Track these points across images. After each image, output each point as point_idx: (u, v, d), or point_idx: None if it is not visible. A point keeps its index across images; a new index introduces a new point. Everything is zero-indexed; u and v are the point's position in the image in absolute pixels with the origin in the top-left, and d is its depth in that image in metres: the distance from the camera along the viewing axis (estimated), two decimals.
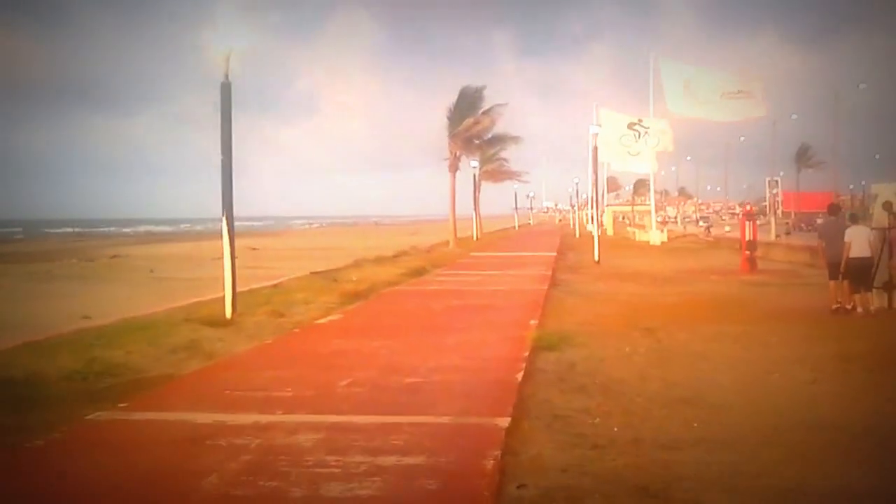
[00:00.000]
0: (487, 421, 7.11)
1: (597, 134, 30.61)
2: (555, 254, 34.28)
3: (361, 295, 17.31)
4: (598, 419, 7.47)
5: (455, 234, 38.21)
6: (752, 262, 25.11)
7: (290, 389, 8.32)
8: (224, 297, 13.75)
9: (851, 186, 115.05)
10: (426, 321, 13.81)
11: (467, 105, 36.44)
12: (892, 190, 16.25)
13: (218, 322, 12.89)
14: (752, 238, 25.27)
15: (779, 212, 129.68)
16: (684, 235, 57.48)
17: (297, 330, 12.72)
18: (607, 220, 71.77)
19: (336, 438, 6.60)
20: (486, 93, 37.11)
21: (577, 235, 60.35)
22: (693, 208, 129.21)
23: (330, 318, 14.10)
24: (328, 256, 43.44)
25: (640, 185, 69.22)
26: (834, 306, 14.24)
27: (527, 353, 10.23)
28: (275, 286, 18.78)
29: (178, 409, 7.58)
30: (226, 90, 13.65)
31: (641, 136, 51.10)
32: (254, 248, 57.22)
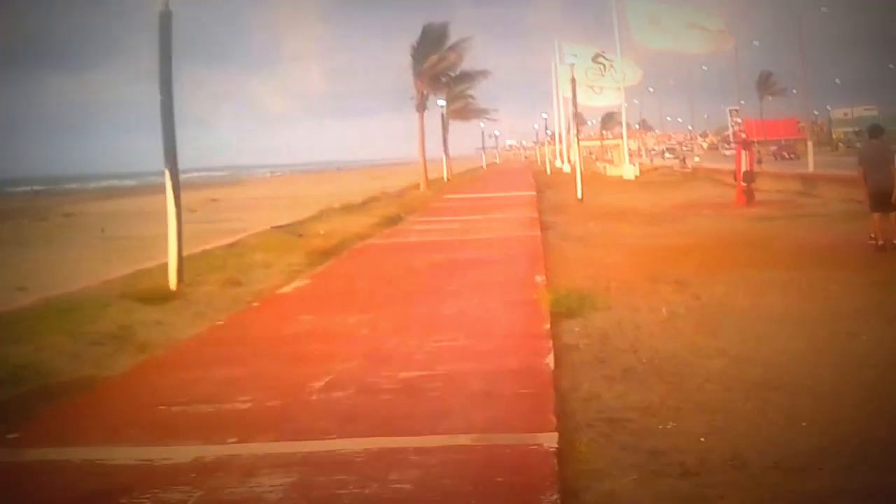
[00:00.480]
0: (526, 440, 4.97)
1: (573, 64, 28.35)
2: (534, 192, 32.13)
3: (331, 252, 15.06)
4: (669, 423, 5.40)
5: (426, 177, 35.87)
6: (749, 195, 23.15)
7: (247, 398, 6.08)
8: (169, 263, 11.45)
9: (816, 112, 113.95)
10: (411, 284, 11.58)
11: (432, 42, 33.89)
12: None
13: (160, 296, 10.62)
14: (748, 168, 23.26)
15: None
16: (655, 168, 55.60)
17: (256, 303, 10.43)
18: (573, 155, 69.81)
19: (313, 481, 4.45)
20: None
21: (549, 172, 58.22)
22: (654, 141, 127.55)
23: (295, 284, 11.84)
24: (293, 206, 41.04)
25: (608, 119, 67.13)
26: (880, 241, 12.26)
27: (547, 325, 8.08)
28: (231, 245, 16.46)
29: (87, 441, 5.36)
30: (165, 20, 11.21)
31: (607, 69, 48.95)
32: (214, 200, 55.09)
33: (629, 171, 46.22)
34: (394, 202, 27.82)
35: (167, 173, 11.48)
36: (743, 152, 23.43)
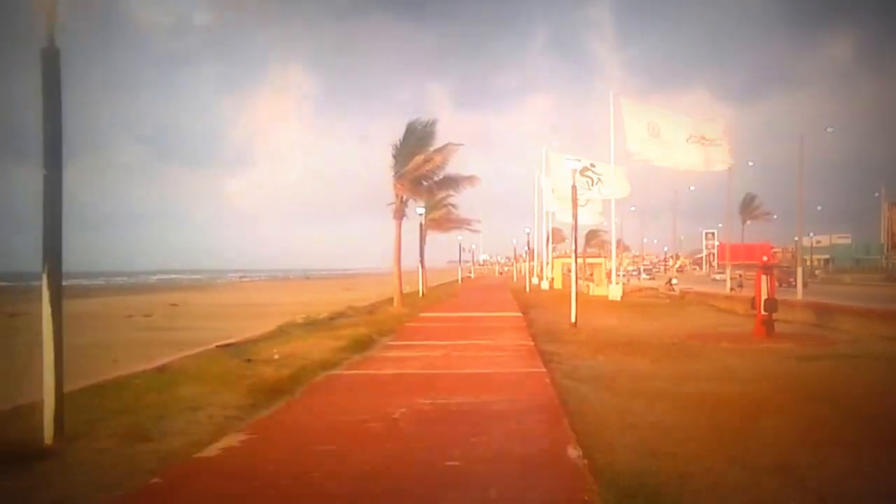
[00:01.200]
0: None
1: (574, 170, 25.46)
2: (519, 314, 28.79)
3: (284, 388, 11.50)
4: None
5: (400, 290, 32.49)
6: (769, 326, 20.00)
7: None
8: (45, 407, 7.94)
9: (796, 238, 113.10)
10: (391, 451, 8.04)
11: (416, 141, 31.04)
12: None
13: (24, 455, 7.13)
14: (769, 296, 20.14)
15: (714, 263, 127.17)
16: (639, 289, 52.70)
17: (156, 479, 6.88)
18: (556, 273, 66.97)
19: None
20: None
21: (528, 290, 55.12)
22: (628, 261, 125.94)
23: (225, 442, 8.26)
24: (254, 316, 37.59)
25: (592, 237, 64.80)
26: None
27: None
28: (160, 370, 12.89)
29: None
30: (50, 60, 7.96)
31: (594, 182, 46.59)
32: (173, 304, 51.32)
33: (615, 291, 43.20)
34: (364, 320, 24.31)
35: (45, 276, 7.98)
36: (763, 277, 20.33)
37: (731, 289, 53.23)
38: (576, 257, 26.03)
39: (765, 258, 20.36)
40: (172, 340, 24.89)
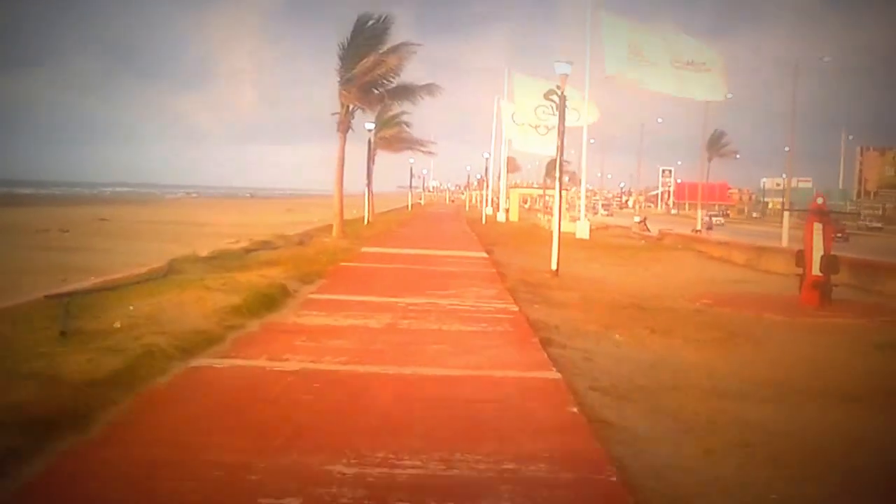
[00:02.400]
0: None
1: (565, 74, 19.87)
2: (483, 253, 23.25)
3: (78, 410, 5.83)
4: None
5: (341, 217, 26.69)
6: (823, 292, 14.73)
7: None
8: None
9: (765, 179, 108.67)
10: None
11: (366, 39, 24.93)
12: None
13: None
14: (825, 252, 14.80)
15: (670, 202, 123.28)
16: (605, 227, 47.41)
17: None
18: (512, 205, 61.49)
19: None
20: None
21: (484, 221, 49.48)
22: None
23: None
24: (181, 235, 32.78)
25: (553, 167, 59.09)
26: None
27: None
28: None
29: None
30: None
31: (558, 108, 40.71)
32: (102, 219, 45.95)
33: (583, 228, 37.89)
34: (289, 255, 18.48)
35: None
36: (817, 227, 14.96)
37: (695, 230, 48.26)
38: (560, 182, 20.30)
39: (819, 200, 14.90)
40: (63, 264, 19.44)
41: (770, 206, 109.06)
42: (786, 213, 41.55)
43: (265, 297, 11.00)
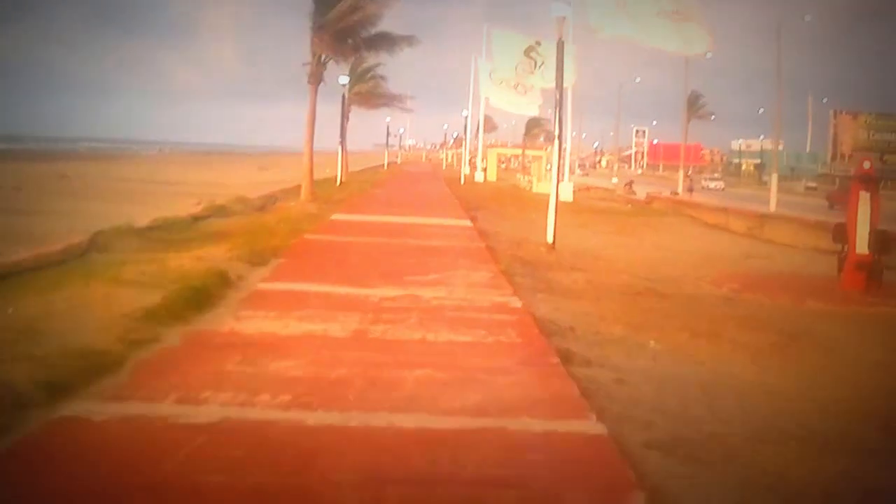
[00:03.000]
0: None
1: (564, 17, 17.13)
2: (467, 221, 20.58)
3: None
4: None
5: (311, 178, 23.88)
6: (871, 275, 12.25)
7: None
8: None
9: (741, 141, 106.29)
10: None
11: None
12: None
13: None
14: (872, 225, 12.28)
15: (643, 162, 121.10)
16: (587, 188, 44.82)
17: None
18: (490, 165, 58.71)
19: None
20: None
21: (463, 182, 46.65)
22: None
23: None
24: (143, 195, 30.33)
25: (534, 126, 56.24)
26: None
27: None
28: None
29: None
30: None
31: (538, 66, 38.02)
32: (63, 176, 42.36)
33: (566, 190, 35.28)
34: (244, 224, 15.70)
35: None
36: (864, 195, 12.40)
37: (674, 192, 45.68)
38: (560, 141, 17.51)
39: (866, 164, 12.58)
40: None
41: (743, 167, 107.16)
42: (774, 176, 39.14)
43: (197, 291, 8.25)
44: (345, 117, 32.88)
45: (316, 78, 22.82)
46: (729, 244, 20.21)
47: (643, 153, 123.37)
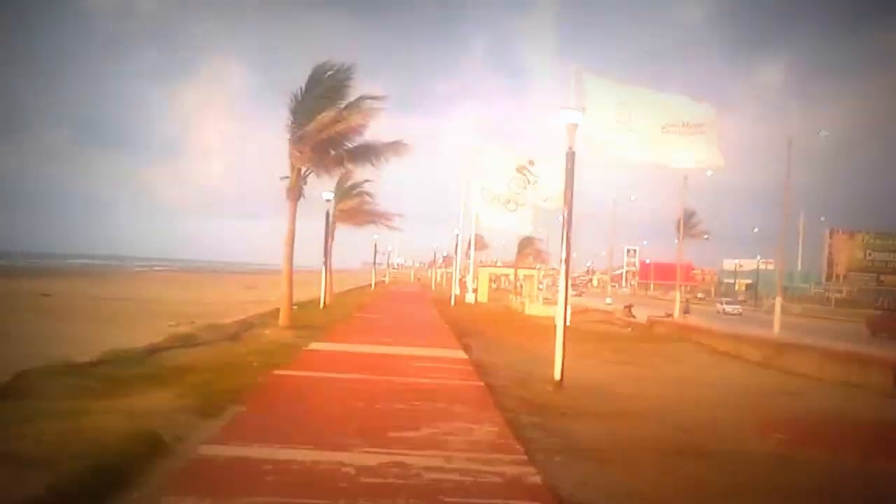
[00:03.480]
0: None
1: (571, 151, 15.44)
2: (460, 351, 18.46)
3: None
4: None
5: (289, 301, 21.88)
6: None
7: None
8: None
9: (737, 261, 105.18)
10: None
11: (324, 91, 20.49)
12: None
13: None
14: None
15: (634, 282, 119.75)
16: (583, 311, 42.78)
17: None
18: (481, 285, 56.89)
19: None
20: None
21: (453, 303, 44.63)
22: (542, 273, 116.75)
23: None
24: (124, 316, 28.68)
25: (526, 245, 54.78)
26: None
27: None
28: None
29: None
30: None
31: (530, 183, 36.72)
32: (45, 295, 40.69)
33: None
34: (208, 358, 13.51)
35: None
36: None
37: (667, 314, 43.64)
38: (568, 263, 15.48)
39: None
40: None
41: (736, 287, 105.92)
42: (777, 300, 37.40)
43: (104, 471, 6.05)
44: (329, 236, 31.12)
45: (295, 193, 21.08)
46: (749, 376, 18.16)
47: (635, 272, 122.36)
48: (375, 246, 70.03)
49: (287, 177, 21.35)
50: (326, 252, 30.91)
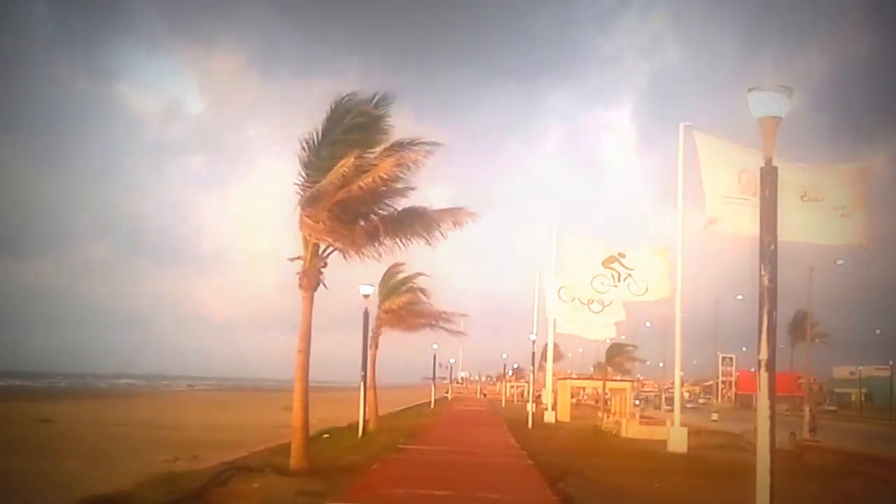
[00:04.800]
0: None
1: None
2: None
3: None
4: None
5: (304, 431, 15.90)
6: None
7: None
8: None
9: (862, 367, 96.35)
10: None
11: (345, 132, 15.08)
12: None
13: None
14: None
15: (730, 394, 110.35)
16: (697, 432, 35.42)
17: None
18: (561, 401, 50.18)
19: None
20: None
21: (531, 425, 37.86)
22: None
23: None
24: (123, 448, 24.41)
25: (616, 352, 47.92)
26: None
27: None
28: None
29: None
30: None
31: (622, 278, 30.81)
32: (45, 420, 36.34)
33: (679, 437, 26.67)
34: None
35: None
36: None
37: (791, 434, 35.69)
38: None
39: None
40: None
41: (853, 398, 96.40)
42: None
43: None
44: (370, 344, 25.26)
45: (311, 279, 15.37)
46: None
47: (732, 382, 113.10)
48: (435, 357, 63.74)
49: (299, 257, 15.75)
50: (365, 364, 24.90)
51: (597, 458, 22.31)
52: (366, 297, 23.32)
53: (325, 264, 15.92)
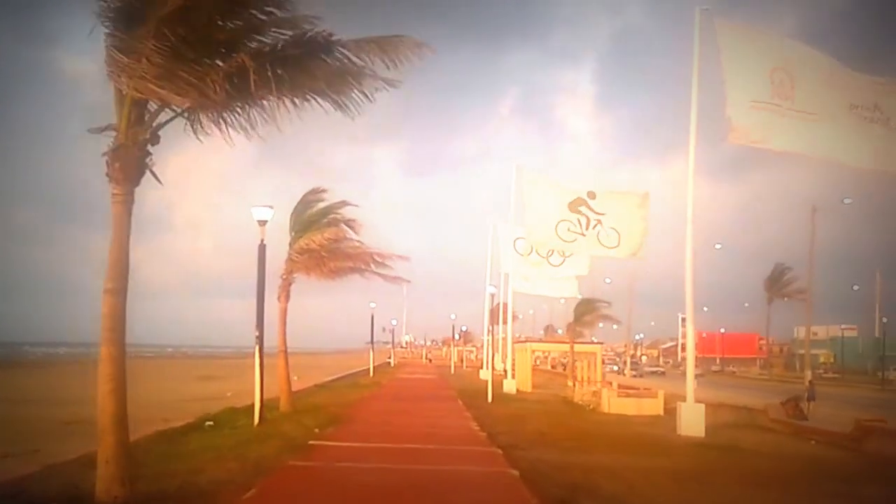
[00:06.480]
0: None
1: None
2: None
3: None
4: None
5: (114, 433, 9.20)
6: None
7: None
8: None
9: (824, 327, 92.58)
10: None
11: None
12: None
13: None
14: None
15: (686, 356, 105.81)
16: (719, 405, 29.33)
17: None
18: (521, 365, 44.13)
19: None
20: None
21: (490, 398, 31.40)
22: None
23: None
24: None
25: (586, 310, 41.59)
26: None
27: None
28: None
29: None
30: None
31: (591, 225, 24.86)
32: None
33: (692, 417, 20.63)
34: None
35: None
36: None
37: (788, 400, 30.06)
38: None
39: None
40: None
41: (822, 360, 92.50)
42: None
43: None
44: (279, 295, 18.44)
45: (128, 164, 8.78)
46: None
47: (685, 345, 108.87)
48: (373, 317, 57.08)
49: (108, 127, 9.01)
50: (261, 317, 17.84)
51: (596, 451, 16.01)
52: (261, 223, 16.58)
53: (158, 139, 9.15)
